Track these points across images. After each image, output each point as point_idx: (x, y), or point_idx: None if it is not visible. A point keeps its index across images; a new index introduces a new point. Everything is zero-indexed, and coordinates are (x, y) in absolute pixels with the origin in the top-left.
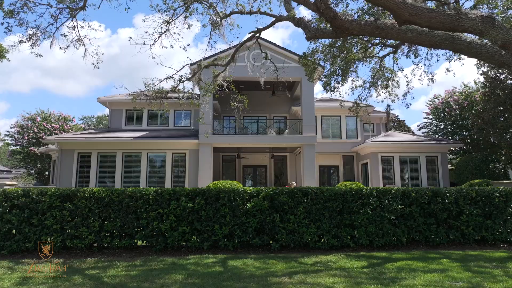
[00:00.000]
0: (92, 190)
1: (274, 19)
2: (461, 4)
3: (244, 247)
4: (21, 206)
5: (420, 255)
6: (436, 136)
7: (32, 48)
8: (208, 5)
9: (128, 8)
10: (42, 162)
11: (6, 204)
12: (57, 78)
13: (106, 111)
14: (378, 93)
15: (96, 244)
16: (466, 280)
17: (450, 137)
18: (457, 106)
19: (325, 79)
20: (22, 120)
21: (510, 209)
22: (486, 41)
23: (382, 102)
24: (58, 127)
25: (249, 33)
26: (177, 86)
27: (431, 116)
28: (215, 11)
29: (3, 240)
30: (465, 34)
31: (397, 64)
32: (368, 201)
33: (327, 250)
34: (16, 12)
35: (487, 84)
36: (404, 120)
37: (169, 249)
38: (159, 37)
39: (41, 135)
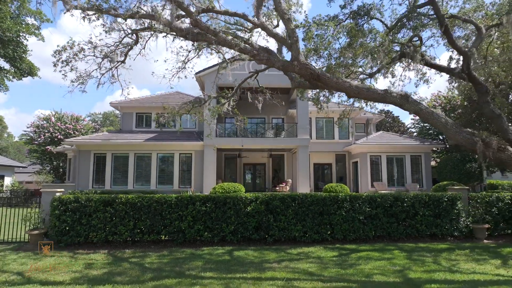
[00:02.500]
0: (127, 197)
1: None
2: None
3: (246, 241)
4: (73, 209)
5: (381, 247)
6: (423, 136)
7: (82, 88)
8: (216, 51)
9: (157, 60)
10: (57, 159)
11: (62, 208)
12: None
13: (109, 106)
14: (360, 106)
15: (130, 239)
16: (402, 265)
17: (435, 137)
18: (441, 108)
19: (314, 97)
20: (37, 120)
21: (456, 211)
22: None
23: (364, 114)
24: (72, 127)
25: (249, 72)
26: (190, 110)
27: (418, 118)
28: (223, 56)
29: (61, 235)
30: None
31: (376, 82)
32: (343, 205)
33: (310, 243)
34: (69, 61)
35: (465, 92)
36: (398, 116)
37: (187, 242)
38: (177, 73)
39: (57, 134)
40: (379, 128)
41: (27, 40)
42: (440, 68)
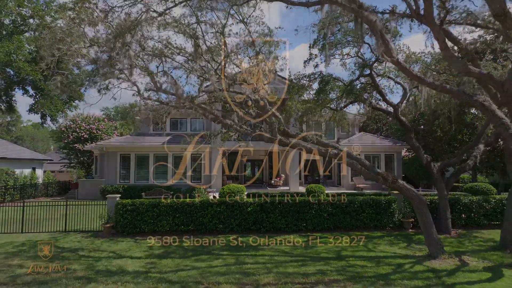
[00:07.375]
0: (167, 202)
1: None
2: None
3: (247, 231)
4: (131, 210)
5: (337, 235)
6: (399, 136)
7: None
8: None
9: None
10: (83, 155)
11: (123, 209)
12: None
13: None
14: (335, 127)
15: (169, 229)
16: (342, 247)
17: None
18: (413, 113)
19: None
20: (65, 121)
21: (391, 209)
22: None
23: (340, 132)
24: (95, 127)
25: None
26: (206, 139)
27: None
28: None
29: (123, 227)
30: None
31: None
32: (313, 207)
33: (290, 232)
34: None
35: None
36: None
37: (207, 232)
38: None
39: (82, 134)
40: (371, 119)
41: None
42: (382, 111)
